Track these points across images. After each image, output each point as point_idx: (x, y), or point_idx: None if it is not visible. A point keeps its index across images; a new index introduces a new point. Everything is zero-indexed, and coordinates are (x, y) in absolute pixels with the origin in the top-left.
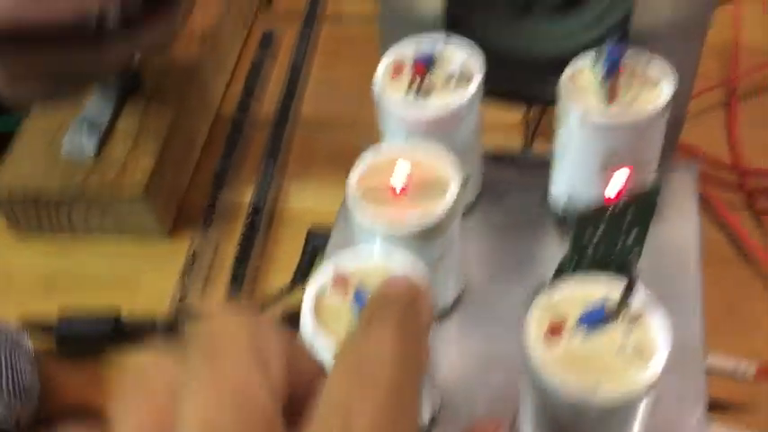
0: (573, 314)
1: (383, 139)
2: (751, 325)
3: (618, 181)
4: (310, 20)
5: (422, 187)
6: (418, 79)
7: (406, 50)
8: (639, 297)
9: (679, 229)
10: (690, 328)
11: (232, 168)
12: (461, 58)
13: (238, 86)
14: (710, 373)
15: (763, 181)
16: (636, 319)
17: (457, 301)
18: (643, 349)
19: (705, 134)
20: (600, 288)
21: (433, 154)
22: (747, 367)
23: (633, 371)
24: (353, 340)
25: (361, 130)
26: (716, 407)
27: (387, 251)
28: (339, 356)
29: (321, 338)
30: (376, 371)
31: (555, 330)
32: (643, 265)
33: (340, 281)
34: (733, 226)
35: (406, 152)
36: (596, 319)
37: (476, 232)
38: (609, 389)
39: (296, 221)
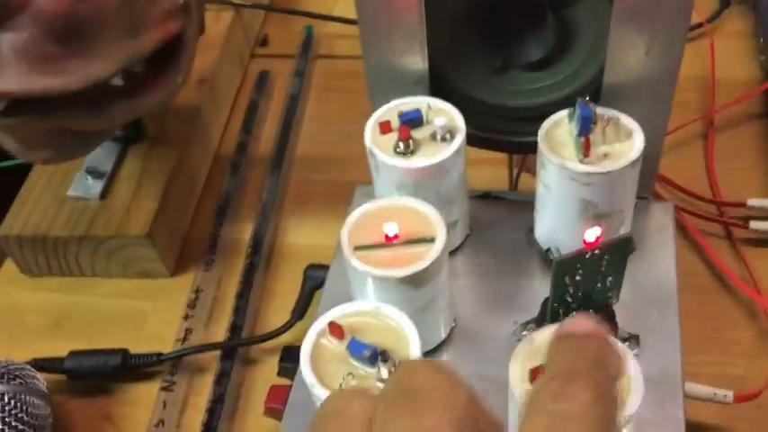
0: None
1: (375, 186)
2: (732, 351)
3: (593, 233)
4: (304, 58)
5: (412, 236)
6: (405, 139)
7: (393, 110)
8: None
9: (657, 266)
10: (668, 358)
11: (232, 207)
12: (444, 120)
13: (236, 126)
14: (691, 398)
15: (739, 212)
16: None
17: (448, 337)
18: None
19: (684, 166)
20: None
21: (422, 206)
22: (725, 396)
23: None
24: (545, 394)
25: (354, 165)
26: (696, 429)
27: (378, 303)
28: (531, 410)
29: (317, 389)
30: (578, 429)
31: (534, 375)
32: (624, 300)
33: (336, 329)
34: (712, 256)
35: (397, 204)
36: None
37: (465, 270)
38: None
39: (294, 257)
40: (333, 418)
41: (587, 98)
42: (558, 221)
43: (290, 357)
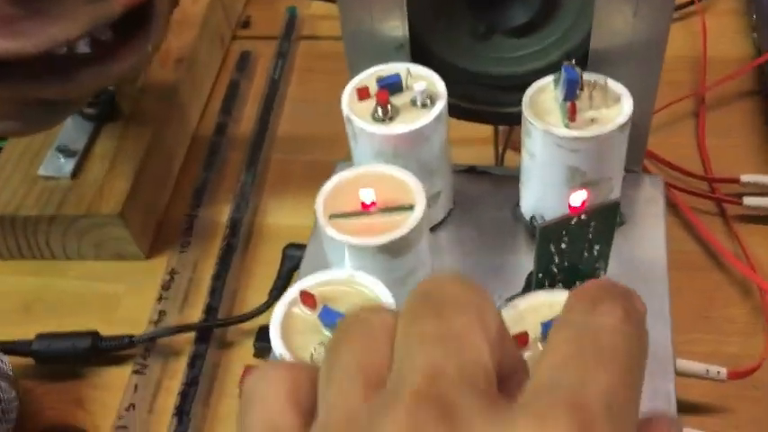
0: (538, 325)
1: (353, 156)
2: (726, 329)
3: (579, 197)
4: (286, 40)
5: (389, 204)
6: (384, 104)
7: (371, 76)
8: None
9: (647, 239)
10: (659, 334)
11: (210, 188)
12: (425, 85)
13: (216, 107)
14: (683, 376)
15: (732, 188)
16: None
17: None
18: None
19: (676, 143)
20: (563, 300)
21: (400, 173)
22: (718, 372)
23: None
24: (576, 311)
25: (337, 146)
26: (689, 409)
27: (354, 270)
28: (562, 325)
29: (287, 356)
30: (611, 342)
31: (520, 341)
32: (612, 273)
33: (308, 298)
34: (704, 234)
35: (375, 171)
36: None
37: (448, 246)
38: None
39: (274, 239)
40: (355, 330)
41: (573, 61)
42: (545, 192)
43: (265, 337)
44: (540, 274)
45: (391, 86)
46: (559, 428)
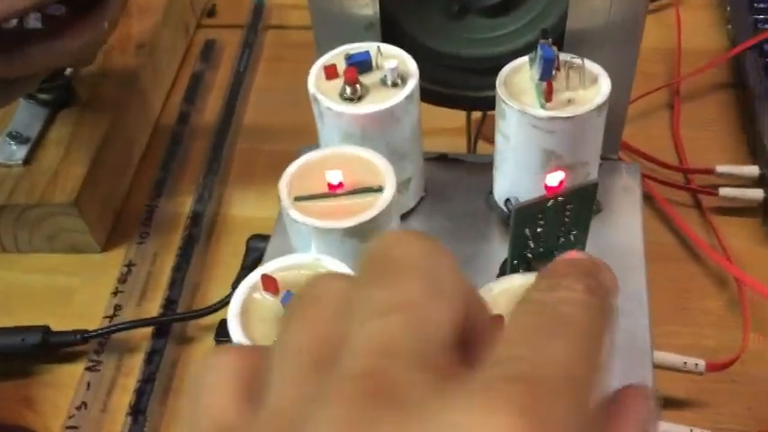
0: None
1: (319, 139)
2: (703, 322)
3: (556, 177)
4: (253, 29)
5: (357, 187)
6: (352, 82)
7: (340, 55)
8: None
9: (623, 229)
10: (636, 325)
11: (171, 178)
12: (395, 63)
13: (180, 96)
14: (660, 368)
15: (707, 179)
16: None
17: None
18: None
19: (651, 135)
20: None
21: (369, 154)
22: (696, 365)
23: None
24: (538, 289)
25: (304, 136)
26: (666, 403)
27: (318, 255)
28: (523, 301)
29: (245, 342)
30: (571, 313)
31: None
32: None
33: (269, 283)
34: (680, 225)
35: (343, 152)
36: None
37: None
38: None
39: (238, 230)
40: (308, 301)
41: (550, 40)
42: (519, 176)
43: (227, 332)
44: (516, 261)
45: (361, 64)
46: (510, 404)
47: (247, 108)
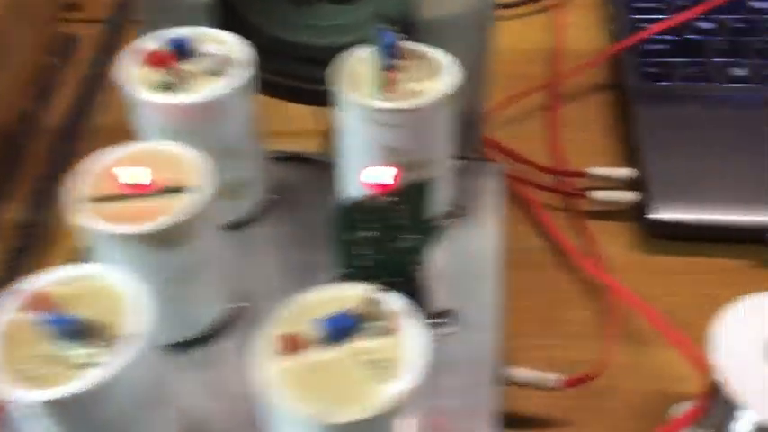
0: (315, 324)
1: (135, 139)
2: (570, 333)
3: (384, 174)
4: (114, 25)
5: (165, 185)
6: (167, 68)
7: (160, 39)
8: (395, 305)
9: (479, 233)
10: (486, 337)
11: (7, 183)
12: (224, 49)
13: (27, 94)
14: (516, 385)
15: (581, 182)
16: (389, 330)
17: (236, 319)
18: (394, 365)
19: (528, 137)
20: (356, 294)
21: (181, 150)
22: (555, 381)
23: (379, 388)
24: None
25: None
26: (524, 423)
27: (107, 265)
28: None
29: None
30: None
31: (290, 343)
32: (438, 270)
33: (38, 301)
34: (551, 230)
35: (150, 148)
36: (341, 328)
37: (261, 243)
38: (347, 408)
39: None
40: None
41: (393, 26)
42: (358, 177)
43: None
44: (350, 269)
45: (181, 50)
46: None
47: (102, 108)
